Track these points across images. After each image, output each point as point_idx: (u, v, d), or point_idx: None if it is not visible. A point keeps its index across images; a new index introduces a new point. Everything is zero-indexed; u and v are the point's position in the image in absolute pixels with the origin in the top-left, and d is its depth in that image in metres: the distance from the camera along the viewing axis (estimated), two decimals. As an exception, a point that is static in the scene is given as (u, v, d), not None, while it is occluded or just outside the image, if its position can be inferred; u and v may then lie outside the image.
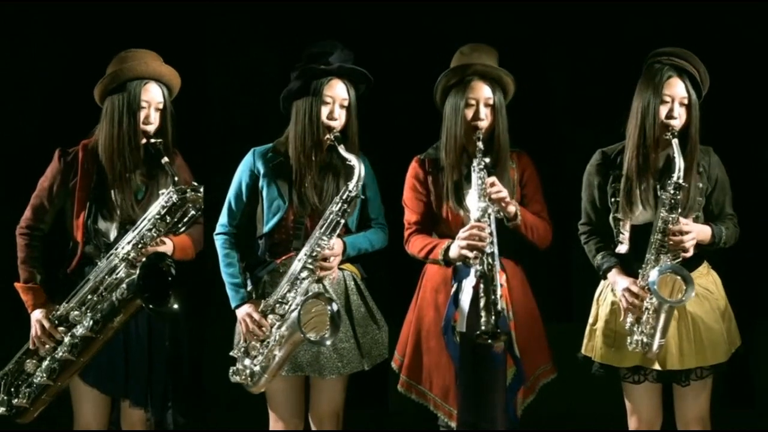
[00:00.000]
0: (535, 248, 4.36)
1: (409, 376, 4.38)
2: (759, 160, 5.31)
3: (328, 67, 4.35)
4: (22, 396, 4.28)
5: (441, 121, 4.36)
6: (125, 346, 4.32)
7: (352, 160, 4.29)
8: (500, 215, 4.24)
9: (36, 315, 4.29)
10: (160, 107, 4.33)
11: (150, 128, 4.31)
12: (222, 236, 4.43)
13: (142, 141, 4.31)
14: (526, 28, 5.40)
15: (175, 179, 4.24)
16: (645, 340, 4.15)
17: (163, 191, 4.27)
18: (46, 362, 4.26)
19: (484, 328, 4.07)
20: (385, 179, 4.50)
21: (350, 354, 4.34)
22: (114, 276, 4.24)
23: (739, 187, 4.38)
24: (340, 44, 4.40)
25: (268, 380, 4.26)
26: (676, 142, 4.16)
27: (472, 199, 4.24)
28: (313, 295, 4.23)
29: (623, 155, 4.27)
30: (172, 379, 4.35)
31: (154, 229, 4.26)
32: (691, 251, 4.16)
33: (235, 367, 4.29)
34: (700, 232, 4.20)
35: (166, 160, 4.25)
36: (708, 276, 4.28)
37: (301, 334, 4.14)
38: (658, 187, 4.22)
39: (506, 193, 4.24)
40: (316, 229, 4.29)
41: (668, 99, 4.20)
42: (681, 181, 4.13)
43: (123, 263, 4.24)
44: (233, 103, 5.57)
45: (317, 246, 4.27)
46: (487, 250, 4.15)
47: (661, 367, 4.20)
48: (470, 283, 4.21)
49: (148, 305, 4.14)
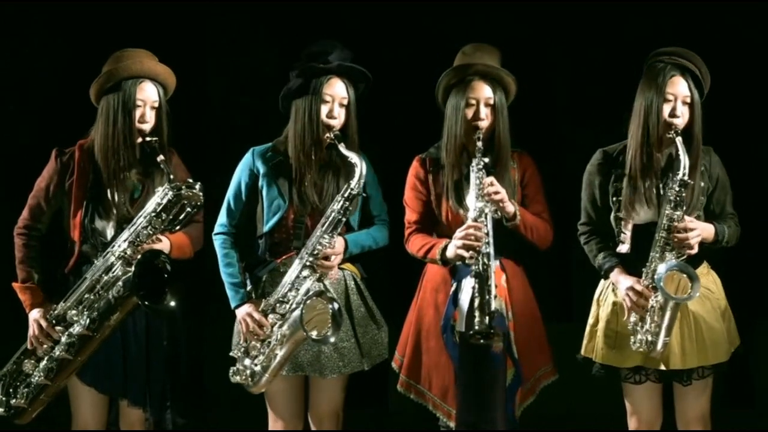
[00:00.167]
0: (536, 248, 4.37)
1: (409, 375, 4.38)
2: (759, 160, 5.31)
3: (327, 66, 4.35)
4: (20, 396, 4.27)
5: (442, 121, 4.36)
6: (123, 345, 4.32)
7: (353, 158, 4.29)
8: (497, 215, 4.23)
9: (33, 314, 4.29)
10: (155, 106, 4.33)
11: (145, 127, 4.31)
12: (221, 236, 4.43)
13: (138, 140, 4.31)
14: (527, 28, 5.39)
15: (171, 177, 4.25)
16: (649, 339, 4.13)
17: (159, 189, 4.28)
18: (44, 362, 4.25)
19: (477, 328, 4.07)
20: (386, 179, 4.50)
21: (351, 354, 4.34)
22: (110, 274, 4.24)
23: (739, 187, 4.38)
24: (339, 43, 4.40)
25: (269, 380, 4.26)
26: (680, 140, 4.15)
27: (471, 199, 4.24)
28: (314, 293, 4.22)
29: (625, 154, 4.27)
30: (170, 378, 4.35)
31: (150, 227, 4.26)
32: (696, 248, 4.16)
33: (235, 368, 4.29)
34: (704, 230, 4.20)
35: (161, 158, 4.25)
36: (708, 276, 4.28)
37: (304, 333, 4.14)
38: (661, 185, 4.22)
39: (504, 194, 4.24)
40: (317, 227, 4.29)
41: (671, 98, 4.20)
42: (687, 179, 4.13)
43: (119, 261, 4.24)
44: (233, 103, 5.56)
45: (318, 244, 4.27)
46: (483, 250, 4.15)
47: (665, 367, 4.19)
48: (470, 282, 4.20)
49: (144, 302, 4.14)
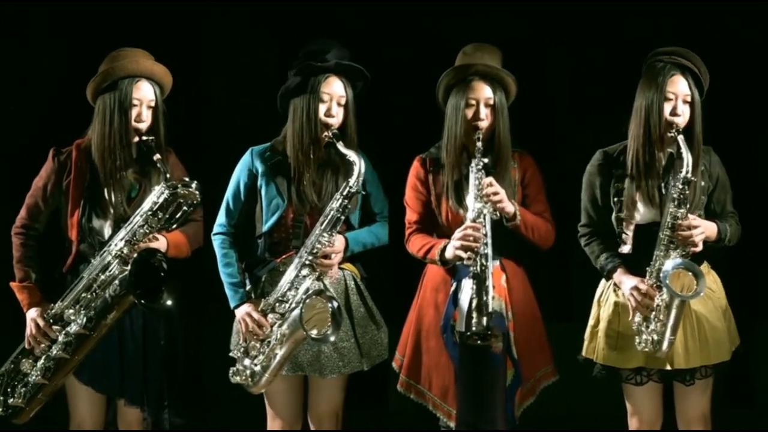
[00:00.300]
0: (537, 248, 4.36)
1: (409, 375, 4.38)
2: (759, 160, 5.31)
3: (325, 64, 4.34)
4: (17, 396, 4.27)
5: (442, 121, 4.36)
6: (120, 344, 4.33)
7: (352, 156, 4.28)
8: (496, 216, 4.22)
9: (31, 314, 4.29)
10: (151, 105, 4.34)
11: (142, 126, 4.31)
12: (220, 236, 4.43)
13: (134, 139, 4.31)
14: (527, 28, 5.39)
15: (167, 176, 4.25)
16: (655, 338, 4.13)
17: (156, 188, 4.28)
18: (41, 361, 4.26)
19: (474, 330, 4.07)
20: (387, 179, 4.50)
21: (350, 354, 4.34)
22: (107, 273, 4.24)
23: (739, 187, 4.38)
24: (337, 42, 4.39)
25: (269, 380, 4.25)
26: (682, 138, 4.15)
27: (470, 200, 4.24)
28: (314, 292, 4.22)
29: (625, 155, 4.26)
30: (167, 378, 4.36)
31: (146, 226, 4.26)
32: (701, 246, 4.16)
33: (235, 368, 4.29)
34: (707, 228, 4.20)
35: (158, 157, 4.26)
36: (709, 275, 4.27)
37: (303, 332, 4.13)
38: (663, 185, 4.21)
39: (503, 194, 4.23)
40: (316, 226, 4.29)
41: (671, 96, 4.20)
42: (690, 176, 4.12)
43: (116, 260, 4.24)
44: (233, 103, 5.56)
45: (318, 243, 4.27)
46: (481, 251, 4.14)
47: (670, 367, 4.18)
48: (469, 282, 4.19)
49: (140, 301, 4.14)
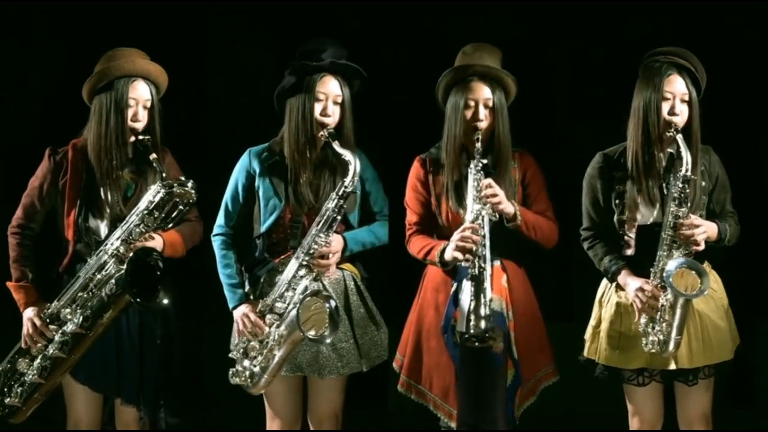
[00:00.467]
0: (540, 248, 4.35)
1: (409, 376, 4.38)
2: (759, 160, 5.30)
3: (320, 63, 4.33)
4: (14, 395, 4.28)
5: (442, 121, 4.35)
6: (117, 344, 4.33)
7: (347, 155, 4.27)
8: (495, 218, 4.21)
9: (28, 313, 4.30)
10: (147, 105, 4.34)
11: (138, 126, 4.32)
12: (219, 237, 4.43)
13: (131, 138, 4.32)
14: (527, 28, 5.39)
15: (163, 175, 4.25)
16: (661, 339, 4.13)
17: (152, 187, 4.28)
18: (38, 361, 4.26)
19: (472, 332, 4.07)
20: (387, 179, 4.49)
21: (349, 354, 4.34)
22: (103, 272, 4.24)
23: (739, 187, 4.37)
24: (333, 41, 4.38)
25: (268, 381, 4.26)
26: (680, 137, 4.15)
27: (469, 201, 4.23)
28: (311, 293, 4.21)
29: (625, 156, 4.26)
30: (163, 377, 4.36)
31: (142, 225, 4.27)
32: (703, 245, 4.15)
33: (234, 369, 4.29)
34: (709, 227, 4.19)
35: (154, 156, 4.26)
36: (710, 275, 4.25)
37: (301, 333, 4.13)
38: (664, 185, 4.21)
39: (502, 195, 4.22)
40: (312, 226, 4.28)
41: (669, 96, 4.19)
42: (690, 174, 4.12)
43: (112, 259, 4.24)
44: (233, 103, 5.56)
45: (314, 243, 4.26)
46: (479, 253, 4.14)
47: (675, 367, 4.18)
48: (469, 283, 4.19)
49: (136, 300, 4.14)
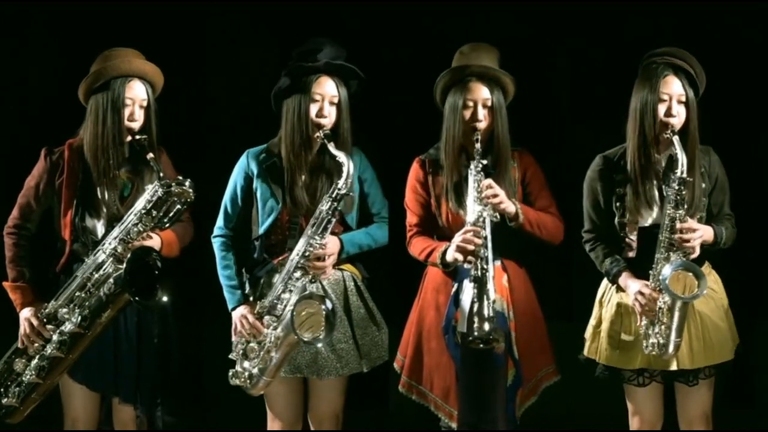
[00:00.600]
0: (547, 245, 4.33)
1: (410, 376, 4.38)
2: (759, 160, 5.30)
3: (315, 64, 4.32)
4: (11, 396, 4.28)
5: (441, 121, 4.35)
6: (114, 343, 4.33)
7: (341, 157, 4.26)
8: (496, 218, 4.21)
9: (25, 313, 4.30)
10: (144, 104, 4.34)
11: (134, 125, 4.32)
12: (219, 238, 4.43)
13: (127, 138, 4.32)
14: (527, 28, 5.38)
15: (161, 174, 4.25)
16: (661, 342, 4.13)
17: (149, 187, 4.28)
18: (35, 360, 4.26)
19: (476, 334, 4.07)
20: (386, 179, 4.49)
21: (349, 355, 4.33)
22: (101, 272, 4.25)
23: (738, 187, 4.37)
24: (330, 41, 4.36)
25: (267, 382, 4.25)
26: (677, 139, 4.14)
27: (470, 203, 4.23)
28: (306, 295, 4.20)
29: (625, 158, 4.26)
30: (161, 376, 4.37)
31: (141, 224, 4.27)
32: (698, 250, 4.15)
33: (234, 370, 4.29)
34: (705, 232, 4.19)
35: (151, 156, 4.27)
36: (710, 275, 4.27)
37: (295, 336, 4.12)
38: (664, 186, 4.20)
39: (502, 196, 4.22)
40: (307, 228, 4.27)
41: (666, 97, 4.19)
42: (685, 176, 4.12)
43: (110, 258, 4.25)
44: (233, 103, 5.56)
45: (309, 245, 4.25)
46: (482, 255, 4.14)
47: (676, 367, 4.18)
48: (471, 285, 4.18)
49: (135, 298, 4.14)
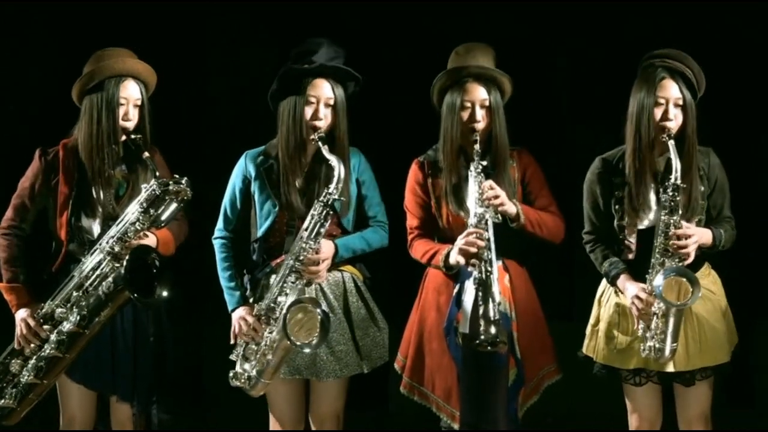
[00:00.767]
0: (548, 244, 4.33)
1: (412, 377, 4.37)
2: (758, 160, 5.31)
3: (310, 67, 4.28)
4: (8, 397, 4.27)
5: (440, 123, 4.34)
6: (111, 342, 4.33)
7: (333, 161, 4.22)
8: (498, 219, 4.20)
9: (20, 314, 4.29)
10: (138, 104, 4.35)
11: (129, 125, 4.33)
12: (219, 240, 4.43)
13: (122, 138, 4.32)
14: (527, 28, 5.39)
15: (156, 173, 4.25)
16: (657, 346, 4.13)
17: (145, 185, 4.28)
18: (33, 361, 4.25)
19: (483, 337, 4.07)
20: (385, 181, 4.49)
21: (348, 356, 4.32)
22: (99, 271, 4.24)
23: (738, 188, 4.37)
24: (326, 42, 4.32)
25: (266, 384, 4.25)
26: (672, 144, 4.13)
27: (471, 204, 4.22)
28: (299, 299, 4.17)
29: (624, 161, 4.25)
30: (156, 374, 4.37)
31: (138, 223, 4.26)
32: (693, 256, 4.14)
33: (234, 371, 4.29)
34: (702, 235, 4.18)
35: (146, 155, 4.27)
36: (709, 276, 4.27)
37: (288, 341, 4.10)
38: (661, 190, 4.20)
39: (503, 196, 4.21)
40: (300, 231, 4.25)
41: (662, 101, 4.17)
42: (679, 183, 4.11)
43: (108, 257, 4.24)
44: (233, 103, 5.56)
45: (303, 250, 4.22)
46: (485, 257, 4.13)
47: (673, 369, 4.17)
48: (472, 284, 4.18)
49: (134, 295, 4.13)
